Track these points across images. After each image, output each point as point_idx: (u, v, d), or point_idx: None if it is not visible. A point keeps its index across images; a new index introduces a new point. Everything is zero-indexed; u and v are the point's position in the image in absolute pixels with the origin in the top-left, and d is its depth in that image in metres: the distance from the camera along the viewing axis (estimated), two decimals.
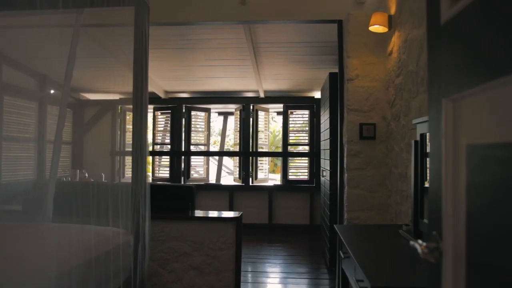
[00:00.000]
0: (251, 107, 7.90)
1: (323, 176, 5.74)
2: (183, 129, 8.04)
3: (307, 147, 7.91)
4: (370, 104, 4.04)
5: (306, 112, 7.89)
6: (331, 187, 5.01)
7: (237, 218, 4.13)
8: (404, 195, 3.33)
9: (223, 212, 4.48)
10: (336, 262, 4.38)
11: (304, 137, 7.97)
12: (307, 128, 7.84)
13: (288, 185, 7.76)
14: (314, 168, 7.69)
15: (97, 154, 8.22)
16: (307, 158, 7.82)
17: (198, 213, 4.43)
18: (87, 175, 7.67)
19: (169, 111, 8.08)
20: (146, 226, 3.31)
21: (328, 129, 5.13)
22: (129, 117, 8.37)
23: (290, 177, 7.82)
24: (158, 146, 8.41)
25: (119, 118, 8.16)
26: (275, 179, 19.98)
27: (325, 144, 5.77)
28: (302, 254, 6.04)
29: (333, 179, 4.97)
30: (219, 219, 4.12)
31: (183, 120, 8.05)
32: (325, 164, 5.67)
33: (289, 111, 7.88)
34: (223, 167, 18.90)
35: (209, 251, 4.10)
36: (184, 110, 8.04)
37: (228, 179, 12.35)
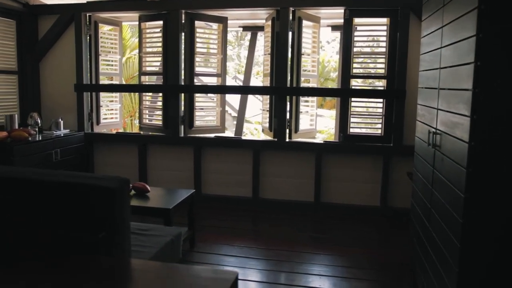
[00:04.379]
0: (291, 14, 4.78)
1: (433, 146, 2.71)
2: (182, 50, 5.08)
3: (382, 83, 4.81)
4: None
5: (383, 21, 4.69)
6: (471, 184, 2.03)
7: None
8: None
9: None
10: None
11: (379, 65, 4.83)
12: (384, 50, 4.67)
13: (348, 143, 4.77)
14: (393, 117, 4.63)
15: (55, 90, 5.52)
16: (381, 101, 4.73)
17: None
18: (39, 121, 5.00)
19: (160, 21, 5.10)
20: None
21: (474, 40, 2.03)
22: (104, 31, 5.50)
23: (351, 130, 4.81)
24: (147, 78, 5.53)
25: (88, 33, 5.31)
26: (320, 115, 16.77)
27: (431, 77, 2.73)
28: None
29: (478, 167, 1.99)
30: None
31: (182, 35, 5.06)
32: (436, 118, 2.65)
33: (354, 20, 4.69)
34: (255, 100, 15.34)
35: None
36: (183, 20, 5.03)
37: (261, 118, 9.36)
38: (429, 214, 2.74)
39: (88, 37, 5.26)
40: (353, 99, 4.77)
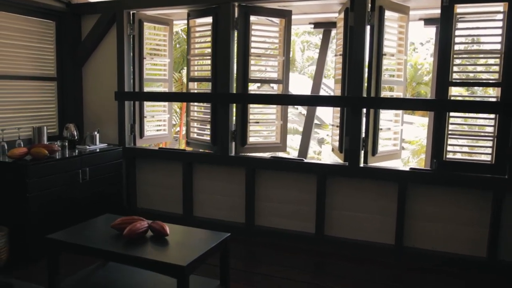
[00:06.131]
0: (369, 2, 3.71)
1: None
2: (235, 50, 4.21)
3: (494, 92, 3.55)
4: None
5: (497, 8, 3.45)
6: None
7: None
8: None
9: None
10: None
11: (490, 69, 3.59)
12: (498, 47, 3.42)
13: (444, 172, 3.58)
14: (510, 139, 3.36)
15: (98, 98, 4.93)
16: (493, 117, 3.48)
17: None
18: (76, 133, 4.43)
19: (210, 17, 4.27)
20: None
21: None
22: (150, 31, 4.81)
23: (449, 155, 3.61)
24: (196, 85, 4.72)
25: (132, 34, 4.65)
26: (410, 122, 14.87)
27: None
28: None
29: None
30: None
31: (235, 33, 4.20)
32: None
33: (456, 7, 3.50)
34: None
35: None
36: (236, 14, 4.16)
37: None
38: None
39: (131, 38, 4.60)
40: (452, 114, 3.57)
